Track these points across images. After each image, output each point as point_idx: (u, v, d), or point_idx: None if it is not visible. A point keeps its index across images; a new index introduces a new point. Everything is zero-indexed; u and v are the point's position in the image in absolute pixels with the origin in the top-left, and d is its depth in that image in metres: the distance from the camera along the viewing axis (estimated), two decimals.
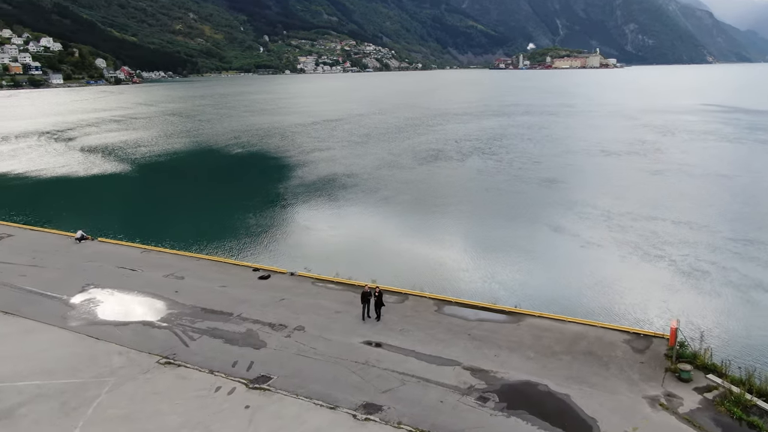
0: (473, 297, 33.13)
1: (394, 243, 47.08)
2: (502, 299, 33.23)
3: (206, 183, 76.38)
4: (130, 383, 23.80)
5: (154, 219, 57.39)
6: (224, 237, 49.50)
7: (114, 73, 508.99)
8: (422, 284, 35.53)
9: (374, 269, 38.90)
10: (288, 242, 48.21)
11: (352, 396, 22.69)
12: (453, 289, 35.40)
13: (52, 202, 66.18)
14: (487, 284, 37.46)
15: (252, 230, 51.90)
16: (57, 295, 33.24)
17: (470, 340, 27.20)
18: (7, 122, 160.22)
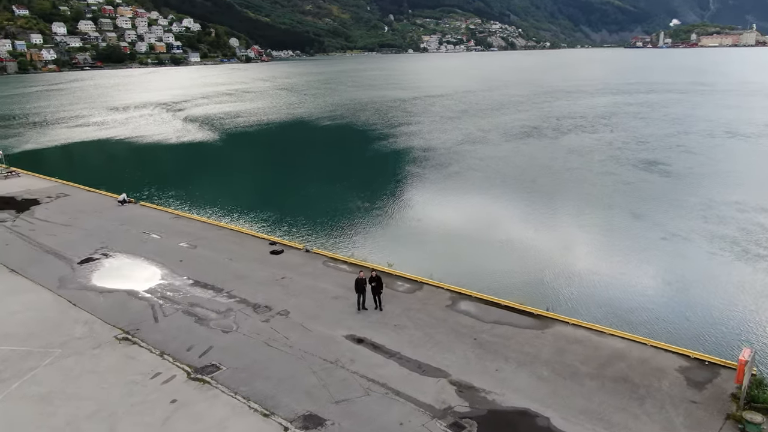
0: (502, 293, 27.40)
1: (437, 224, 42.05)
2: (535, 299, 27.23)
3: (278, 153, 75.16)
4: (74, 358, 21.48)
5: (213, 187, 56.53)
6: (268, 209, 47.18)
7: (245, 51, 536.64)
8: (450, 273, 30.32)
9: (401, 252, 34.36)
10: (326, 217, 44.75)
11: (299, 403, 18.57)
12: (481, 281, 29.82)
13: (126, 166, 68.21)
14: (526, 279, 31.42)
15: (298, 204, 49.11)
16: (68, 256, 32.32)
17: (473, 346, 21.88)
18: (136, 94, 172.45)
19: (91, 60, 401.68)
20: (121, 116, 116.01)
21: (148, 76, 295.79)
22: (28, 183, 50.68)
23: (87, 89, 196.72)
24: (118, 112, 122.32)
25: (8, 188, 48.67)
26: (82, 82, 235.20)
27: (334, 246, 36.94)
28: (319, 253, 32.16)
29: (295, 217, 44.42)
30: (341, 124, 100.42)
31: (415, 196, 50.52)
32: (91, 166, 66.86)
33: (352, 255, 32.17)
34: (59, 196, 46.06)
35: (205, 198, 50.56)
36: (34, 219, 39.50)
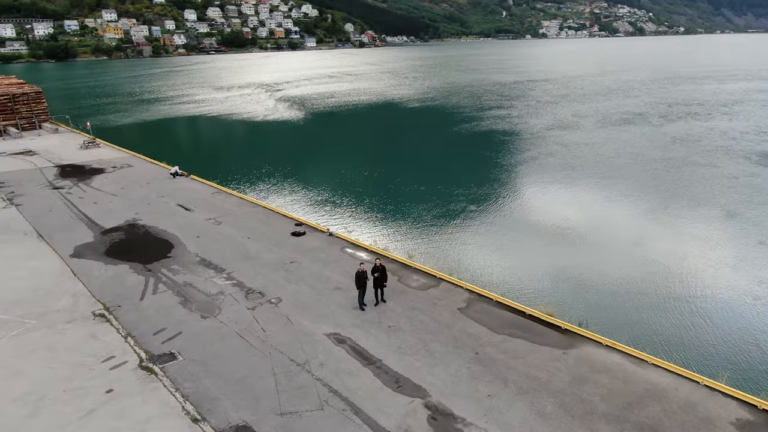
0: (530, 299, 22.97)
1: (482, 214, 37.61)
2: (568, 310, 22.51)
3: (351, 134, 73.01)
4: (42, 332, 20.29)
5: (273, 164, 55.42)
6: (316, 189, 45.01)
7: (359, 37, 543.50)
8: (478, 271, 26.30)
9: (428, 243, 30.68)
10: (371, 200, 41.68)
11: (238, 410, 15.84)
12: (509, 284, 25.49)
13: (201, 141, 69.22)
14: (565, 285, 26.54)
15: (348, 185, 46.42)
16: (98, 224, 31.99)
17: (472, 362, 17.97)
18: (244, 76, 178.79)
19: (216, 45, 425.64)
20: (222, 95, 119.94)
21: (263, 60, 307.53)
22: (103, 153, 52.32)
23: (204, 71, 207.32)
24: (221, 92, 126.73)
25: (84, 157, 50.41)
26: (203, 65, 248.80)
27: (360, 231, 34.07)
28: (341, 237, 29.25)
29: (340, 199, 41.92)
30: (429, 106, 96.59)
31: (469, 182, 46.09)
32: (169, 141, 68.86)
33: (374, 242, 28.98)
34: (123, 166, 46.83)
35: (258, 175, 49.50)
36: (89, 187, 40.07)
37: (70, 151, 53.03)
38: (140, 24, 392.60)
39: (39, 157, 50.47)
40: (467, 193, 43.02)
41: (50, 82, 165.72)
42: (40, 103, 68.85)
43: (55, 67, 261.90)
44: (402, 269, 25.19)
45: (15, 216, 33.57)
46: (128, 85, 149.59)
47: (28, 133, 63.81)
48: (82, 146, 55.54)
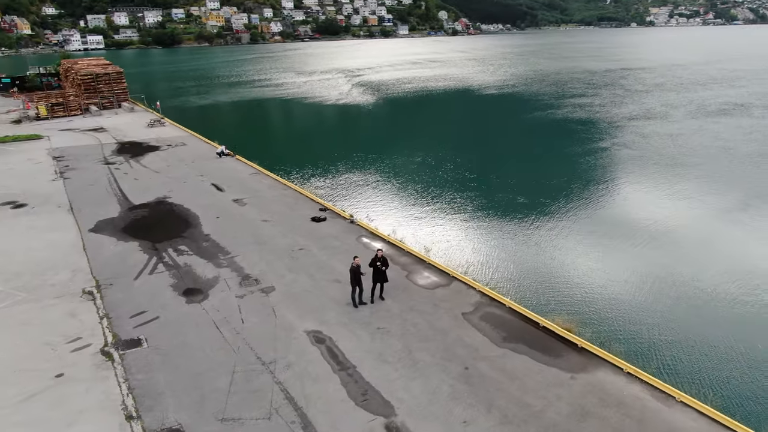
0: (551, 308, 19.79)
1: (529, 209, 33.87)
2: (592, 326, 19.08)
3: (418, 119, 70.21)
4: (24, 306, 19.86)
5: (326, 146, 54.09)
6: (363, 172, 43.02)
7: (452, 24, 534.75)
8: (505, 272, 23.28)
9: (454, 236, 27.74)
10: (412, 186, 39.07)
11: (179, 410, 14.29)
12: (532, 290, 22.27)
13: (265, 122, 69.16)
14: (596, 296, 22.78)
15: (393, 171, 44.06)
16: (129, 200, 31.92)
17: (457, 378, 15.35)
18: (330, 62, 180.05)
19: (311, 32, 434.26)
20: (302, 80, 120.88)
21: (353, 47, 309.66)
22: (166, 132, 53.21)
23: (293, 57, 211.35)
24: (302, 77, 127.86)
25: (146, 135, 51.44)
26: (294, 52, 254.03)
27: (386, 220, 31.79)
28: (362, 225, 27.12)
29: (381, 185, 39.76)
30: (506, 93, 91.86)
31: (523, 173, 42.22)
32: (232, 121, 69.59)
33: (393, 232, 26.59)
34: (178, 145, 47.20)
35: (307, 158, 48.33)
36: (137, 164, 40.48)
37: (136, 129, 54.41)
38: (240, 12, 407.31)
39: (106, 134, 52.09)
40: (517, 185, 39.46)
41: (153, 66, 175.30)
42: (121, 83, 71.71)
43: (162, 52, 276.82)
44: (415, 263, 22.73)
45: (58, 189, 34.22)
46: (219, 69, 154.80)
47: (107, 112, 66.52)
48: (149, 125, 56.90)
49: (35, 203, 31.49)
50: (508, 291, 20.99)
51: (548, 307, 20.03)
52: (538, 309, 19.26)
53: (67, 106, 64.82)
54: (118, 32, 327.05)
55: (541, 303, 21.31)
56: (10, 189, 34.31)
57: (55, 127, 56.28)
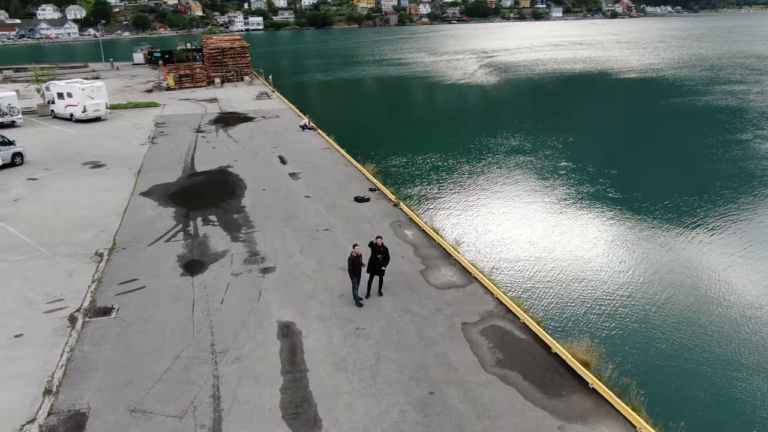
0: (576, 332, 15.87)
1: (609, 212, 28.45)
2: (620, 364, 14.83)
3: (535, 103, 64.35)
4: (36, 262, 20.14)
5: (417, 125, 51.27)
6: (437, 155, 39.84)
7: (612, 6, 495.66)
8: (543, 278, 19.39)
9: (501, 231, 23.83)
10: (493, 174, 35.12)
11: (97, 391, 13.11)
12: (568, 309, 18.16)
13: (367, 98, 67.58)
14: (640, 329, 17.81)
15: (482, 155, 40.19)
16: (194, 167, 32.15)
17: (413, 405, 12.49)
18: (467, 43, 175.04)
19: (459, 14, 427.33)
20: (430, 60, 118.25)
21: (498, 29, 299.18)
22: (268, 104, 53.92)
23: (433, 38, 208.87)
24: (432, 56, 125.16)
25: (249, 107, 52.47)
26: (436, 33, 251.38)
27: (436, 206, 28.62)
28: (405, 210, 24.39)
29: (454, 169, 36.34)
30: (649, 78, 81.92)
31: (631, 173, 36.16)
32: (340, 97, 68.85)
33: (430, 220, 23.53)
34: (272, 117, 47.40)
35: (392, 135, 46.19)
36: (224, 134, 41.05)
37: (244, 101, 55.81)
38: None
39: (215, 105, 53.99)
40: (613, 184, 33.94)
41: (300, 45, 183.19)
42: (244, 57, 74.48)
43: (314, 33, 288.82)
44: (438, 257, 19.68)
45: (140, 153, 35.49)
46: (357, 48, 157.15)
47: (228, 84, 69.43)
48: (257, 97, 58.19)
49: (112, 165, 32.75)
50: (532, 303, 17.22)
51: (572, 331, 16.04)
52: (559, 330, 15.47)
53: (193, 78, 68.68)
54: (276, 14, 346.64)
55: (566, 324, 17.29)
56: (102, 150, 36.21)
57: (176, 97, 59.65)
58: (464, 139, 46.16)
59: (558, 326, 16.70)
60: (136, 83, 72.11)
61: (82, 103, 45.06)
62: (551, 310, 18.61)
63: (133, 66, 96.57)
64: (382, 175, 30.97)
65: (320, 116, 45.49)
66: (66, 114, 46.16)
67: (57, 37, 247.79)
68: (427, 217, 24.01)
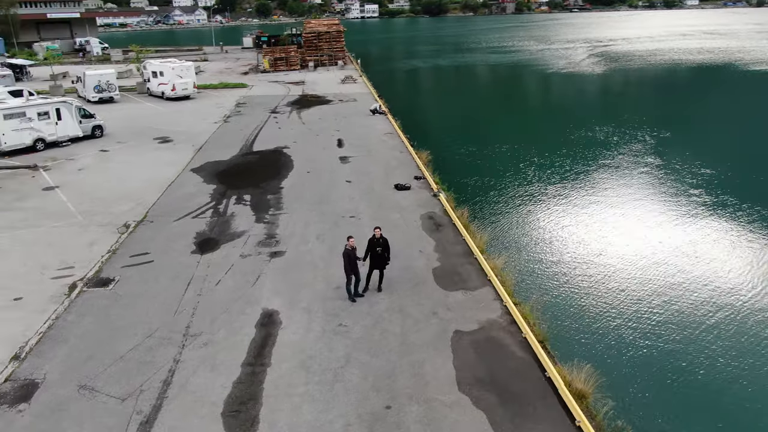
0: (590, 355, 13.56)
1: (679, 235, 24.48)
2: (631, 405, 12.32)
3: (635, 97, 58.56)
4: (69, 229, 20.86)
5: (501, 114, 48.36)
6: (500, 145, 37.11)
7: None
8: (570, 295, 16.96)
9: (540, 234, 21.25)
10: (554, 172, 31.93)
11: (59, 364, 13.03)
12: (584, 327, 15.61)
13: (462, 84, 65.06)
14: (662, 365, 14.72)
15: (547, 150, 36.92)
16: (253, 147, 32.33)
17: (361, 419, 11.17)
18: (581, 32, 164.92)
19: (581, 2, 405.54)
20: (538, 48, 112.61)
21: (623, 18, 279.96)
22: (351, 88, 53.49)
23: (548, 27, 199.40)
24: (541, 45, 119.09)
25: (330, 90, 52.36)
26: (553, 22, 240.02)
27: (478, 199, 26.36)
28: (442, 202, 22.63)
29: (516, 161, 33.62)
30: None
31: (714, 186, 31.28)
32: (427, 83, 66.80)
33: (467, 216, 21.55)
34: (348, 101, 46.90)
35: (466, 122, 43.89)
36: (296, 116, 41.12)
37: (328, 84, 55.85)
38: None
39: (300, 87, 54.53)
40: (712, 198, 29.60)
41: (410, 32, 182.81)
42: (339, 42, 74.67)
43: (428, 21, 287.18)
44: (459, 256, 17.86)
45: (210, 131, 36.34)
46: (466, 36, 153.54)
47: (321, 68, 70.07)
48: (342, 81, 58.04)
49: (179, 141, 33.70)
50: (545, 318, 14.93)
51: (579, 354, 13.62)
52: (564, 352, 13.21)
53: (287, 61, 69.99)
54: (392, 1, 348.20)
55: (574, 346, 14.86)
56: (177, 127, 37.48)
57: (267, 79, 61.06)
58: (542, 132, 42.95)
59: (565, 347, 14.38)
60: (237, 66, 74.84)
61: (171, 81, 47.11)
62: (564, 329, 16.21)
63: (242, 50, 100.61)
64: (436, 163, 29.20)
65: (400, 102, 44.36)
66: (158, 92, 48.52)
67: (188, 23, 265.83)
68: (467, 212, 22.03)
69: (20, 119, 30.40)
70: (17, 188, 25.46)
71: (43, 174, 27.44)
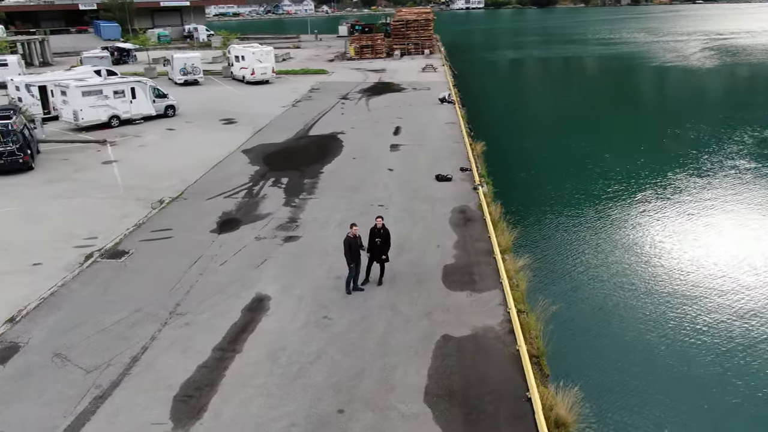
0: (587, 382, 11.86)
1: None
2: None
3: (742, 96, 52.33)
4: (110, 202, 21.60)
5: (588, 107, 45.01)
6: None
7: None
8: None
9: None
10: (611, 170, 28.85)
11: (44, 331, 13.31)
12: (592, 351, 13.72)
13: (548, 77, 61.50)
14: None
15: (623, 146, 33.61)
16: (309, 131, 32.26)
17: (306, 421, 10.37)
18: (701, 24, 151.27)
19: None
20: (646, 40, 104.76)
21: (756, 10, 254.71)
22: (427, 77, 52.22)
23: (664, 18, 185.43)
24: (650, 37, 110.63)
25: (407, 78, 51.38)
26: (672, 14, 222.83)
27: (525, 199, 24.25)
28: (480, 196, 21.14)
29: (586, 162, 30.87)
30: None
31: None
32: (512, 74, 63.56)
33: (504, 213, 19.95)
34: (421, 89, 45.69)
35: (536, 116, 41.12)
36: (363, 102, 40.71)
37: (408, 73, 54.95)
38: None
39: (378, 75, 54.10)
40: None
41: (516, 23, 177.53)
42: (427, 30, 73.38)
43: (535, 12, 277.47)
44: (479, 254, 16.48)
45: (274, 113, 36.87)
46: (574, 27, 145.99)
47: (407, 56, 69.21)
48: (422, 70, 56.89)
49: (243, 122, 34.32)
50: (551, 332, 13.23)
51: (575, 377, 11.84)
52: (560, 371, 11.57)
53: (374, 49, 69.80)
54: None
55: (574, 369, 12.95)
56: (245, 109, 38.29)
57: (349, 66, 61.26)
58: (621, 130, 39.46)
59: (563, 367, 12.62)
60: (326, 53, 75.73)
61: (251, 66, 48.26)
62: (568, 347, 14.32)
63: (336, 38, 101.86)
64: (491, 156, 27.53)
65: (476, 92, 42.62)
66: (240, 76, 49.95)
67: (296, 13, 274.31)
68: (504, 208, 20.39)
69: (97, 97, 32.17)
70: (81, 161, 26.90)
71: (108, 149, 28.84)
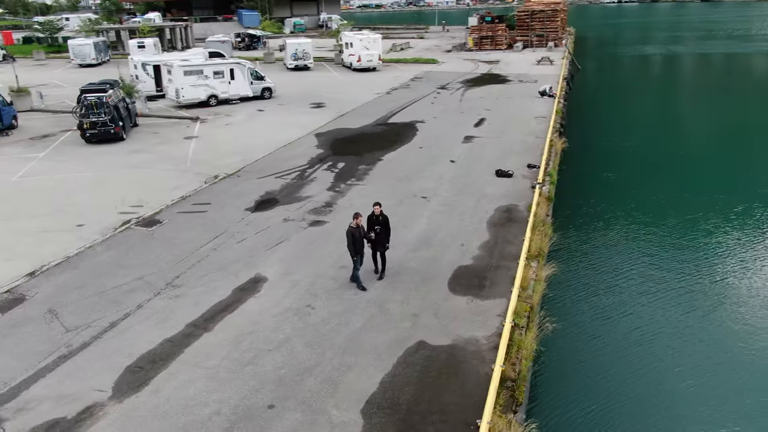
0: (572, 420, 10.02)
1: None
2: None
3: None
4: (169, 173, 22.68)
5: None
6: None
7: None
8: None
9: None
10: None
11: (47, 289, 14.06)
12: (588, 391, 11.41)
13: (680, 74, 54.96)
14: None
15: None
16: (388, 118, 31.69)
17: (233, 413, 9.83)
18: None
19: None
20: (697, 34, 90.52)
21: None
22: (540, 69, 49.02)
23: None
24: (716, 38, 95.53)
25: (518, 70, 48.71)
26: None
27: (586, 205, 21.28)
28: (534, 196, 19.17)
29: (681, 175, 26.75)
30: None
31: None
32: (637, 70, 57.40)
33: (555, 217, 17.82)
34: (527, 82, 43.06)
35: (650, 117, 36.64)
36: (459, 93, 39.13)
37: (520, 65, 52.31)
38: None
39: (488, 65, 52.10)
40: None
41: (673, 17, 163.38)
42: (554, 21, 69.26)
43: (698, 6, 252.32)
44: (503, 259, 14.86)
45: (365, 99, 36.70)
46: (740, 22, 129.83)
47: (528, 49, 65.95)
48: (538, 62, 53.81)
49: (330, 107, 34.73)
50: (552, 351, 11.36)
51: (554, 415, 9.93)
52: (541, 402, 9.88)
53: (493, 40, 67.38)
54: None
55: (562, 405, 10.84)
56: (339, 95, 38.62)
57: (463, 57, 59.71)
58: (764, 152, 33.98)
59: (544, 397, 10.71)
60: (447, 43, 74.58)
61: (358, 53, 48.56)
62: (559, 377, 12.13)
63: (465, 29, 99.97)
64: (570, 155, 24.98)
65: (590, 87, 39.20)
66: (348, 62, 50.53)
67: (437, 4, 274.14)
68: (561, 212, 18.20)
69: (198, 76, 34.02)
70: (168, 135, 28.56)
71: (196, 125, 30.34)
